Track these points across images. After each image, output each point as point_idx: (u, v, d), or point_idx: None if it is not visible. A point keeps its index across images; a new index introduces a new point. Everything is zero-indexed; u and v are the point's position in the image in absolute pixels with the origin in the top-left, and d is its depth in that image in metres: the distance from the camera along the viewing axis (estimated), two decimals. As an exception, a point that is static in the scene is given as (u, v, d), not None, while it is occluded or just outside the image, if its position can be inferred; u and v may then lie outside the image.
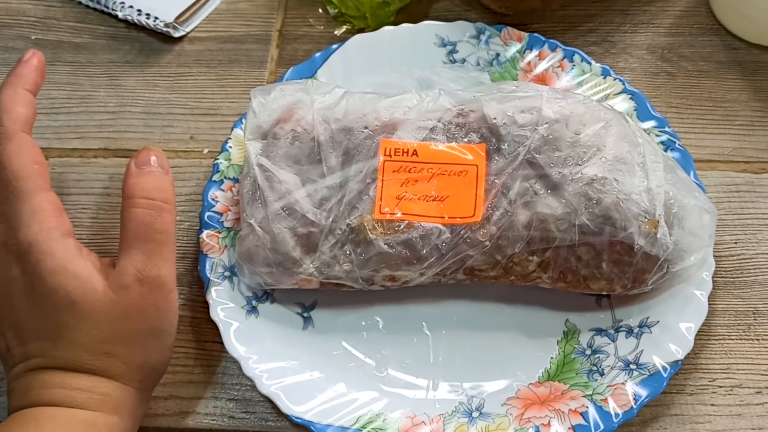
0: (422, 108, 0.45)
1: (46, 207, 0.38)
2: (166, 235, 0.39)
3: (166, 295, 0.39)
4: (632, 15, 0.56)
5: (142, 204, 0.39)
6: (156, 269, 0.38)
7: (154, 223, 0.39)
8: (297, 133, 0.45)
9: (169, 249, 0.39)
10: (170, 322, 0.40)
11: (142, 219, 0.39)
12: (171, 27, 0.57)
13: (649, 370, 0.42)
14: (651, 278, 0.42)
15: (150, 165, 0.40)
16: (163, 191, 0.40)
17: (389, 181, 0.44)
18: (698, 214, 0.43)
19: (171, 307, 0.39)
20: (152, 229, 0.38)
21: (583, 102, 0.45)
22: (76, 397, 0.37)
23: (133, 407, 0.39)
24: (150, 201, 0.39)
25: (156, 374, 0.41)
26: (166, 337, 0.40)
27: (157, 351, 0.40)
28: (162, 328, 0.39)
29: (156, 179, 0.40)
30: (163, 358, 0.40)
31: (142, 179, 0.40)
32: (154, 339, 0.39)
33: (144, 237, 0.38)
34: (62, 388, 0.37)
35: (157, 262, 0.38)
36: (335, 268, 0.43)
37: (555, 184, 0.42)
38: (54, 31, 0.58)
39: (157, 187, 0.39)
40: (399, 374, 0.44)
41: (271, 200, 0.43)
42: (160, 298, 0.39)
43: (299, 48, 0.57)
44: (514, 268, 0.43)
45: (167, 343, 0.40)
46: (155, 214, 0.39)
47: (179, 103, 0.55)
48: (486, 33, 0.53)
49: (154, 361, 0.40)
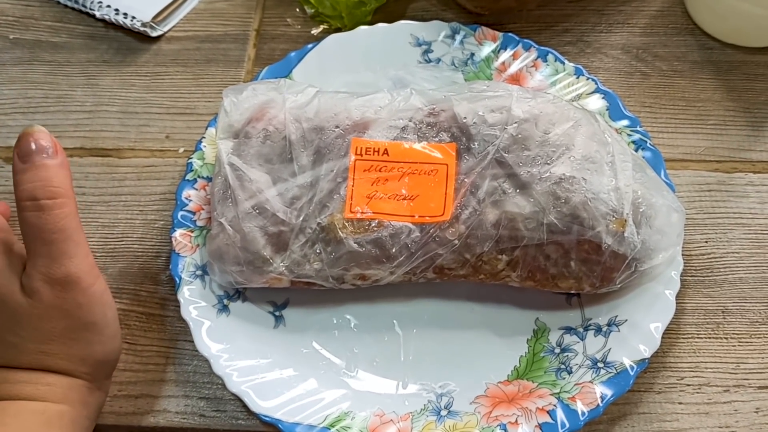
0: (393, 107, 0.45)
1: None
2: (64, 232, 0.36)
3: (84, 291, 0.37)
4: (608, 15, 0.57)
5: (28, 207, 0.36)
6: (62, 269, 0.36)
7: (46, 224, 0.36)
8: (269, 132, 0.45)
9: (73, 244, 0.37)
10: (101, 314, 0.38)
11: (32, 222, 0.36)
12: (148, 26, 0.57)
13: (616, 369, 0.42)
14: (619, 277, 0.43)
15: (32, 155, 0.36)
16: (49, 185, 0.36)
17: (360, 180, 0.44)
18: (666, 213, 0.43)
19: (95, 301, 0.38)
20: (45, 230, 0.36)
21: (552, 101, 0.45)
22: (21, 389, 0.37)
23: (84, 396, 0.39)
24: (35, 203, 0.36)
25: (105, 365, 0.40)
26: (101, 329, 0.38)
27: (98, 343, 0.38)
28: (92, 321, 0.38)
29: (38, 173, 0.36)
30: (107, 349, 0.39)
31: (25, 177, 0.36)
32: (89, 333, 0.38)
33: (39, 240, 0.36)
34: (7, 383, 0.37)
35: (63, 261, 0.36)
36: (305, 266, 0.43)
37: (523, 183, 0.42)
38: (32, 31, 0.58)
39: (42, 182, 0.36)
40: (369, 373, 0.44)
41: (242, 199, 0.43)
42: (77, 294, 0.37)
43: (276, 47, 0.57)
44: (483, 266, 0.43)
45: (107, 334, 0.39)
46: (44, 215, 0.36)
47: (156, 102, 0.55)
48: (461, 33, 0.53)
49: (97, 354, 0.39)
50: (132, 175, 0.52)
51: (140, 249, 0.49)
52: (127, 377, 0.45)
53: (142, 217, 0.50)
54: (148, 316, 0.47)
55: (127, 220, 0.50)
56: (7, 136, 0.53)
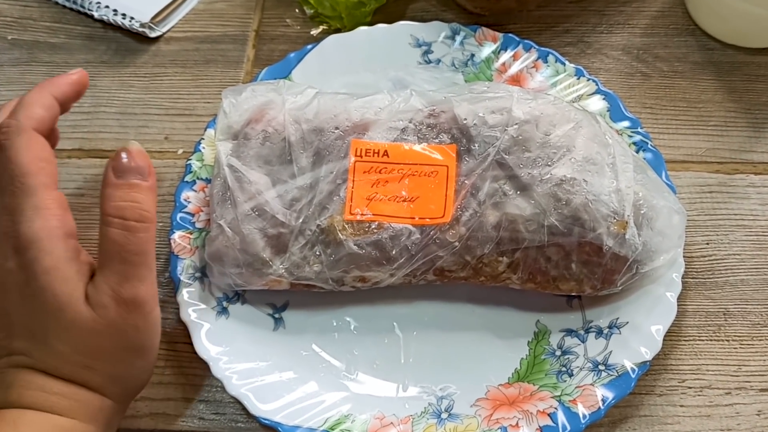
0: (393, 108, 0.45)
1: (50, 204, 0.37)
2: (143, 256, 0.37)
3: (146, 316, 0.38)
4: (608, 16, 0.57)
5: (115, 224, 0.37)
6: (133, 290, 0.37)
7: (128, 244, 0.37)
8: (268, 133, 0.45)
9: (146, 269, 0.37)
10: (152, 340, 0.39)
11: (116, 240, 0.37)
12: (147, 27, 0.57)
13: (618, 371, 0.42)
14: (620, 279, 0.42)
15: (127, 173, 0.38)
16: (139, 208, 0.37)
17: (360, 182, 0.43)
18: (668, 215, 0.43)
19: (151, 326, 0.38)
20: (126, 250, 0.37)
21: (553, 103, 0.45)
22: (55, 403, 0.36)
23: (110, 418, 0.38)
24: (123, 221, 0.37)
25: (135, 389, 0.40)
26: (147, 354, 0.39)
27: (140, 368, 0.39)
28: (143, 346, 0.38)
29: (130, 193, 0.37)
30: (143, 375, 0.40)
31: (116, 194, 0.37)
32: (135, 356, 0.38)
33: (118, 258, 0.37)
34: (42, 392, 0.36)
35: (134, 283, 0.37)
36: (305, 269, 0.43)
37: (524, 184, 0.42)
38: (30, 31, 0.58)
39: (132, 203, 0.37)
40: (369, 375, 0.44)
41: (241, 201, 0.43)
42: (139, 318, 0.37)
43: (276, 48, 0.57)
44: (483, 268, 0.43)
45: (149, 360, 0.39)
46: (129, 234, 0.37)
47: (154, 103, 0.55)
48: (461, 33, 0.53)
49: (134, 378, 0.39)
50: (131, 176, 0.51)
51: (139, 251, 0.49)
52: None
53: (140, 219, 0.50)
54: (146, 318, 0.46)
55: (125, 221, 0.50)
56: None
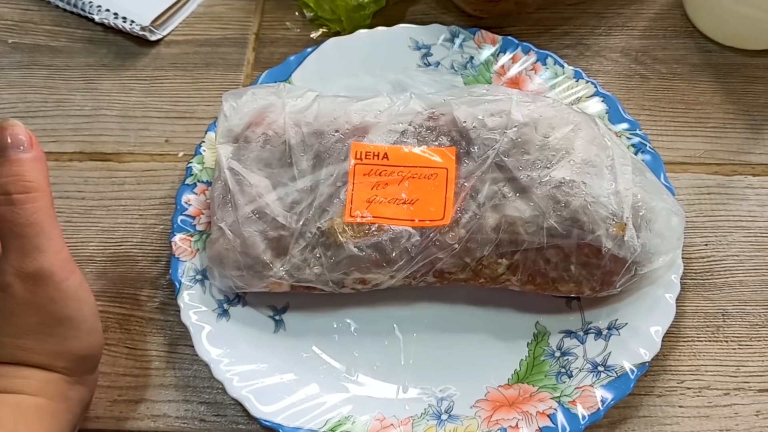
0: (393, 111, 0.45)
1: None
2: (36, 226, 0.36)
3: (57, 286, 0.37)
4: (607, 18, 0.57)
5: (0, 201, 0.36)
6: (35, 263, 0.36)
7: (17, 218, 0.36)
8: (268, 136, 0.45)
9: (46, 238, 0.36)
10: (76, 309, 0.38)
11: (4, 216, 0.36)
12: (147, 30, 0.57)
13: (617, 372, 0.42)
14: (619, 280, 0.43)
15: (5, 149, 0.36)
16: (22, 179, 0.36)
17: (360, 185, 0.44)
18: (666, 217, 0.43)
19: (69, 296, 0.37)
20: (16, 224, 0.36)
21: (552, 105, 0.45)
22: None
23: (63, 389, 0.38)
24: (7, 197, 0.36)
25: (85, 360, 0.39)
26: (78, 324, 0.38)
27: (74, 339, 0.38)
28: (66, 317, 0.37)
29: (11, 168, 0.36)
30: (85, 344, 0.39)
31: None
32: (63, 328, 0.38)
33: (11, 234, 0.36)
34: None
35: (35, 255, 0.36)
36: (305, 271, 0.43)
37: (523, 187, 0.42)
38: (31, 35, 0.58)
39: (14, 177, 0.36)
40: (369, 377, 0.44)
41: (242, 204, 0.43)
42: (50, 290, 0.37)
43: (276, 51, 0.57)
44: (483, 270, 0.43)
45: (84, 329, 0.38)
46: (15, 209, 0.36)
47: (155, 106, 0.55)
48: (460, 36, 0.53)
49: (75, 349, 0.38)
50: (131, 179, 0.52)
51: (140, 253, 0.49)
52: (128, 382, 0.45)
53: (141, 222, 0.50)
54: (147, 320, 0.47)
55: (126, 224, 0.50)
56: None
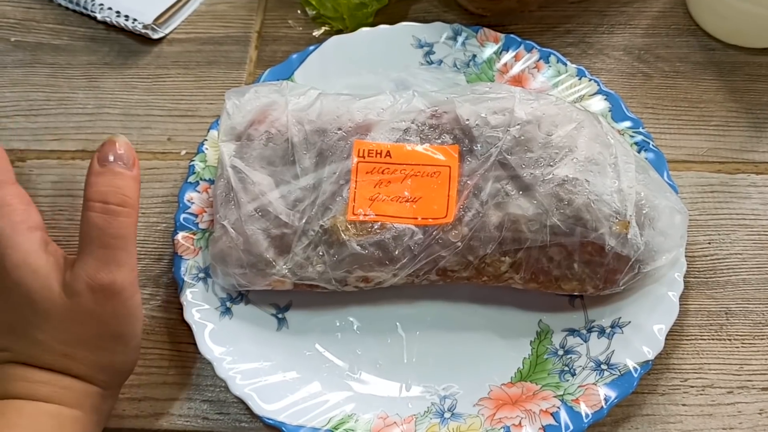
0: (396, 109, 0.45)
1: (11, 201, 0.38)
2: (122, 240, 0.37)
3: (124, 302, 0.38)
4: (609, 16, 0.57)
5: (96, 208, 0.37)
6: (110, 276, 0.37)
7: (108, 228, 0.37)
8: (271, 134, 0.45)
9: (126, 254, 0.38)
10: (132, 327, 0.39)
11: (96, 223, 0.37)
12: (150, 29, 0.57)
13: (620, 371, 0.42)
14: (622, 279, 0.43)
15: (110, 162, 0.38)
16: (121, 193, 0.38)
17: (362, 183, 0.44)
18: (669, 215, 0.43)
19: (131, 313, 0.38)
20: (106, 234, 0.37)
21: (555, 103, 0.45)
22: (39, 390, 0.37)
23: (98, 404, 0.39)
24: (104, 205, 0.37)
25: (122, 375, 0.40)
26: (128, 341, 0.39)
27: (121, 354, 0.39)
28: (123, 333, 0.39)
29: (114, 179, 0.38)
30: (128, 360, 0.40)
31: (100, 179, 0.38)
32: (115, 344, 0.39)
33: (97, 242, 0.37)
34: (24, 381, 0.37)
35: (112, 268, 0.37)
36: (308, 269, 0.43)
37: (526, 185, 0.42)
38: (33, 33, 0.58)
39: (115, 188, 0.38)
40: (372, 375, 0.44)
41: (245, 201, 0.43)
42: (117, 304, 0.37)
43: (278, 49, 0.57)
44: (486, 268, 0.43)
45: (131, 347, 0.39)
46: (110, 218, 0.37)
47: (157, 104, 0.55)
48: (463, 34, 0.53)
49: (118, 364, 0.39)
50: (134, 177, 0.52)
51: (142, 252, 0.49)
52: (130, 380, 0.44)
53: (144, 220, 0.50)
54: (150, 318, 0.47)
55: (129, 222, 0.50)
56: (9, 139, 0.53)
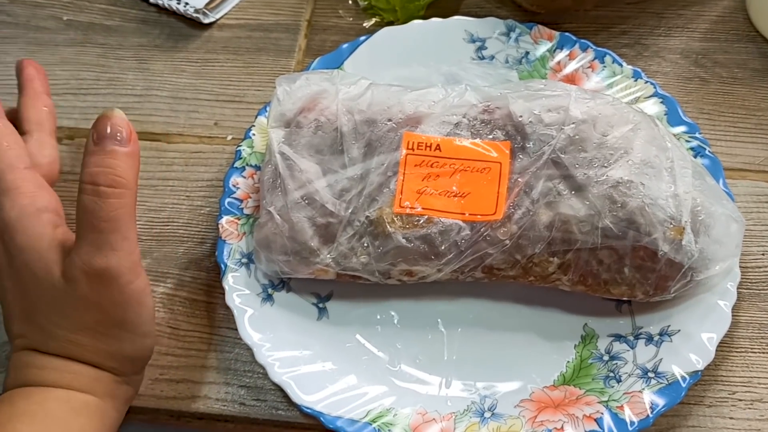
0: (447, 103, 0.45)
1: (19, 184, 0.37)
2: (114, 222, 0.35)
3: (122, 288, 0.36)
4: (667, 18, 0.55)
5: (87, 190, 0.35)
6: (104, 261, 0.35)
7: (99, 211, 0.35)
8: (320, 122, 0.44)
9: (119, 236, 0.35)
10: (135, 314, 0.37)
11: (87, 206, 0.35)
12: (201, 13, 0.57)
13: (668, 379, 0.41)
14: (674, 286, 0.42)
15: (105, 140, 0.36)
16: (112, 172, 0.35)
17: (410, 175, 0.43)
18: (726, 223, 0.42)
19: (131, 299, 0.37)
20: (97, 217, 0.35)
21: (611, 103, 0.44)
22: (47, 376, 0.37)
23: (112, 389, 0.38)
24: (95, 187, 0.35)
25: (135, 362, 0.39)
26: (134, 328, 0.37)
27: (129, 341, 0.38)
28: (125, 320, 0.37)
29: (105, 159, 0.35)
30: (137, 347, 0.38)
31: (92, 159, 0.36)
32: (120, 330, 0.37)
33: (89, 226, 0.35)
34: (35, 368, 0.37)
35: (106, 252, 0.35)
36: (352, 259, 0.43)
37: (579, 185, 0.42)
38: (86, 13, 0.59)
39: (105, 168, 0.35)
40: (412, 370, 0.43)
41: (292, 189, 0.43)
42: (114, 291, 0.36)
43: (327, 39, 0.56)
44: (533, 268, 0.42)
45: (139, 333, 0.38)
46: (100, 201, 0.35)
47: (205, 89, 0.55)
48: (516, 30, 0.53)
49: (127, 351, 0.38)
50: (180, 160, 0.52)
51: (186, 234, 0.49)
52: (169, 361, 0.44)
53: (188, 203, 0.50)
54: (191, 301, 0.47)
55: (173, 204, 0.50)
56: (59, 116, 0.53)
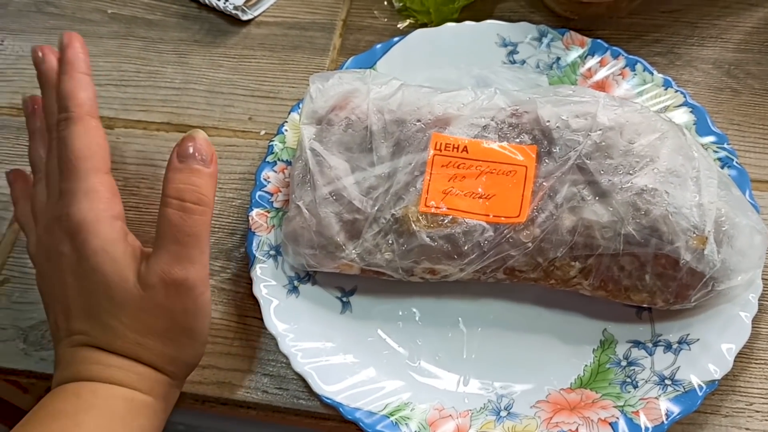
0: (476, 105, 0.45)
1: (99, 188, 0.39)
2: (196, 237, 0.38)
3: (195, 299, 0.38)
4: (701, 28, 0.55)
5: (173, 204, 0.38)
6: (183, 272, 0.38)
7: (183, 225, 0.38)
8: (351, 120, 0.45)
9: (198, 251, 0.38)
10: (201, 323, 0.39)
11: (172, 220, 0.38)
12: (240, 10, 0.58)
13: (684, 387, 0.41)
14: (695, 295, 0.42)
15: (188, 158, 0.38)
16: (197, 191, 0.38)
17: (437, 175, 0.44)
18: (749, 234, 0.42)
19: (201, 309, 0.39)
20: (181, 231, 0.38)
21: (639, 111, 0.44)
22: (113, 374, 0.38)
23: (166, 392, 0.40)
24: (181, 203, 0.38)
25: (188, 367, 0.41)
26: (196, 336, 0.40)
27: (189, 348, 0.40)
28: (192, 328, 0.39)
29: (191, 177, 0.38)
30: (194, 354, 0.41)
31: (177, 176, 0.38)
32: (184, 338, 0.39)
33: (172, 238, 0.38)
34: (99, 365, 0.38)
35: (185, 265, 0.38)
36: (377, 256, 0.44)
37: (603, 191, 0.42)
38: (129, 7, 0.60)
39: (191, 186, 0.38)
40: (431, 366, 0.44)
41: (320, 184, 0.44)
42: (188, 300, 0.38)
43: (362, 38, 0.57)
44: (555, 272, 0.43)
45: (199, 341, 0.40)
46: (185, 215, 0.38)
47: (241, 84, 0.56)
48: (548, 36, 0.53)
49: (185, 357, 0.40)
50: (214, 152, 0.53)
51: (217, 225, 0.50)
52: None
53: (220, 195, 0.51)
54: (219, 290, 0.48)
55: (206, 196, 0.51)
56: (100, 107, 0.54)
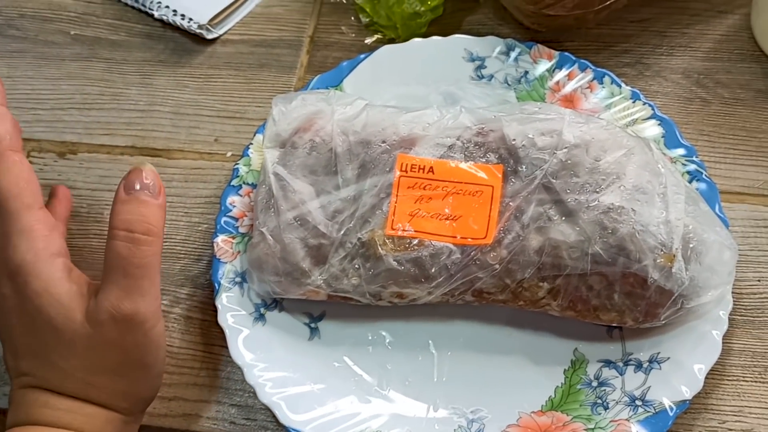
0: (442, 125, 0.45)
1: (35, 226, 0.38)
2: (145, 269, 0.37)
3: (147, 332, 0.37)
4: (670, 37, 0.55)
5: (120, 236, 0.37)
6: (132, 306, 0.36)
7: (132, 257, 0.36)
8: (315, 143, 0.45)
9: (148, 283, 0.37)
10: (155, 356, 0.38)
11: (120, 252, 0.37)
12: (204, 29, 0.57)
13: (655, 408, 0.41)
14: (664, 313, 0.41)
15: (136, 189, 0.38)
16: (146, 221, 0.37)
17: (403, 197, 0.43)
18: (718, 250, 0.42)
19: (153, 343, 0.38)
20: (130, 263, 0.36)
21: (605, 128, 0.44)
22: (61, 417, 0.37)
23: (121, 429, 0.39)
24: (129, 234, 0.37)
25: (144, 402, 0.40)
26: (151, 369, 0.39)
27: (143, 382, 0.39)
28: (145, 362, 0.38)
29: (139, 207, 0.37)
30: (150, 387, 0.40)
31: (125, 207, 0.37)
32: (138, 372, 0.38)
33: (121, 271, 0.37)
34: (47, 408, 0.37)
35: (135, 298, 0.37)
36: (343, 281, 0.43)
37: (570, 210, 0.41)
38: (92, 27, 0.60)
39: (140, 217, 0.37)
40: (400, 393, 0.44)
41: (284, 210, 0.43)
42: (139, 335, 0.37)
43: (329, 55, 0.57)
44: (523, 293, 0.42)
45: (153, 374, 0.39)
46: (134, 247, 0.37)
47: (207, 104, 0.55)
48: (516, 50, 0.52)
49: (140, 391, 0.39)
50: (179, 176, 0.52)
51: (183, 251, 0.50)
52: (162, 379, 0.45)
53: (186, 219, 0.51)
54: (186, 318, 0.47)
55: (171, 221, 0.50)
56: (62, 131, 0.55)
